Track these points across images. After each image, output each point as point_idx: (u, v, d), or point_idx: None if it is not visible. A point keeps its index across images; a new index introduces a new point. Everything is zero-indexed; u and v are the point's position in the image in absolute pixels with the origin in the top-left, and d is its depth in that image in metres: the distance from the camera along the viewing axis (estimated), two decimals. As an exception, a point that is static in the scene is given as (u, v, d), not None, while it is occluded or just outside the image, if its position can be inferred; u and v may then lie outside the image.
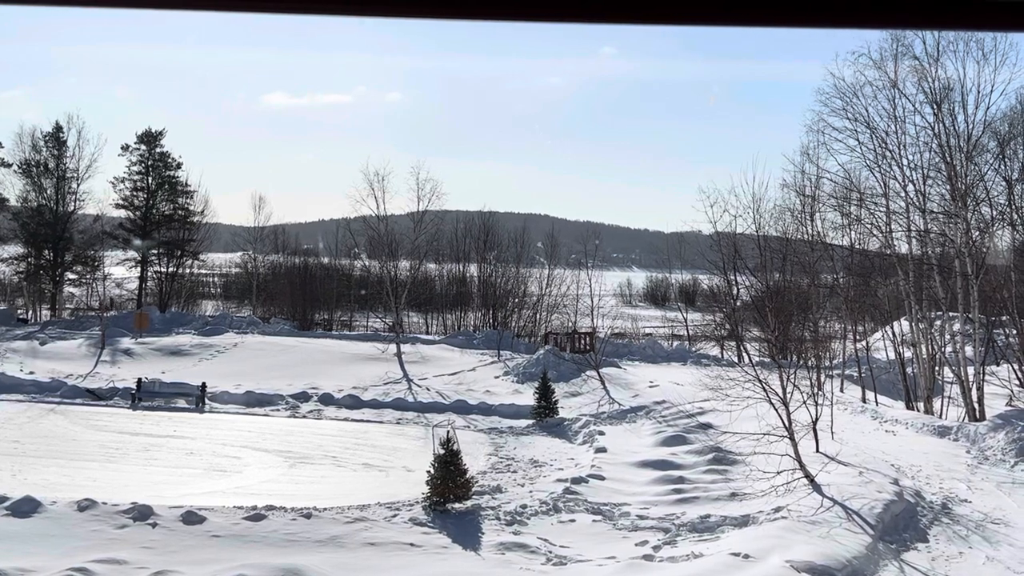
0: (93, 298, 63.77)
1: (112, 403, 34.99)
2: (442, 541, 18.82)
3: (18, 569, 16.04)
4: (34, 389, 36.04)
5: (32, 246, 61.55)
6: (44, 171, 61.94)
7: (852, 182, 41.13)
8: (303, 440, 29.49)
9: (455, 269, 71.27)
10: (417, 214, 51.92)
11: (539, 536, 19.29)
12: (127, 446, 27.80)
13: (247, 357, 43.55)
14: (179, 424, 31.61)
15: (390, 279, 51.26)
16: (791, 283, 49.23)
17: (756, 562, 16.63)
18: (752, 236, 52.20)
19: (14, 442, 27.50)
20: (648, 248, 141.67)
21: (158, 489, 21.91)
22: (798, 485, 21.50)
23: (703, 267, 61.39)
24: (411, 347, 47.23)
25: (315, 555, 17.37)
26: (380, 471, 25.61)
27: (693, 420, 31.07)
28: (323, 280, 69.73)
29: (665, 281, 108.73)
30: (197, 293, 73.61)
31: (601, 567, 17.40)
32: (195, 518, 18.73)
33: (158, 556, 16.98)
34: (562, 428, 31.86)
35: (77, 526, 18.22)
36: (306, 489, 22.85)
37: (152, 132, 64.52)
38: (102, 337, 45.39)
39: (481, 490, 22.27)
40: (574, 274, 58.03)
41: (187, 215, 65.63)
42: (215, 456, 26.94)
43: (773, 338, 30.24)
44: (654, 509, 21.42)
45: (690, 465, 25.61)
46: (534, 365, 40.85)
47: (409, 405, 35.78)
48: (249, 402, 35.49)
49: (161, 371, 39.70)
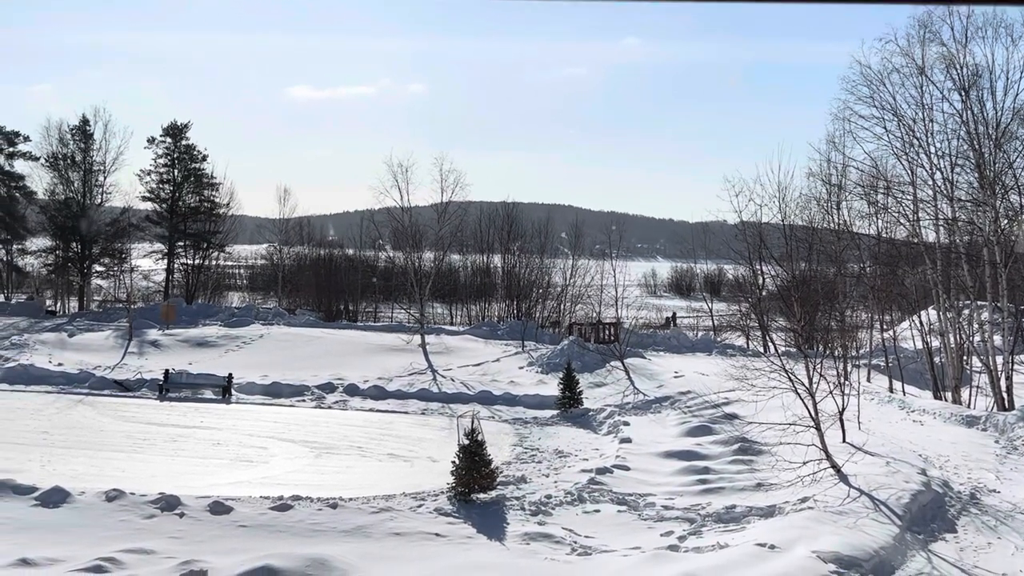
0: (120, 290, 64.26)
1: (140, 394, 35.28)
2: (467, 531, 18.84)
3: (47, 559, 16.19)
4: (63, 381, 36.39)
5: (60, 239, 62.07)
6: (71, 164, 62.45)
7: (879, 170, 40.77)
8: (329, 431, 29.63)
9: (479, 260, 71.29)
10: (441, 205, 51.96)
11: (564, 526, 19.28)
12: (155, 437, 28.02)
13: (273, 348, 43.78)
14: (206, 415, 31.83)
15: (414, 270, 51.34)
16: (817, 272, 48.89)
17: (782, 552, 16.54)
18: (778, 225, 51.87)
19: (43, 433, 27.78)
20: (673, 238, 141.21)
21: (185, 479, 22.08)
22: (824, 475, 21.37)
23: (728, 257, 61.08)
24: (435, 338, 47.32)
25: (341, 545, 17.44)
26: (405, 461, 25.68)
27: (718, 410, 30.94)
28: (347, 271, 69.93)
29: (690, 271, 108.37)
30: (223, 285, 74.10)
31: (626, 557, 17.36)
32: (222, 508, 18.85)
33: (185, 546, 17.09)
34: (587, 418, 31.82)
35: (105, 516, 18.37)
36: (332, 479, 22.95)
37: (178, 125, 64.91)
38: (129, 329, 45.75)
39: (506, 480, 22.28)
40: (598, 264, 57.88)
41: (213, 207, 66.01)
42: (241, 447, 27.11)
43: (799, 328, 30.04)
44: (679, 499, 21.35)
45: (715, 455, 25.50)
46: (558, 355, 40.80)
47: (434, 396, 35.85)
48: (275, 393, 35.68)
49: (188, 362, 39.98)
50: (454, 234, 58.43)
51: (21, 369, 37.20)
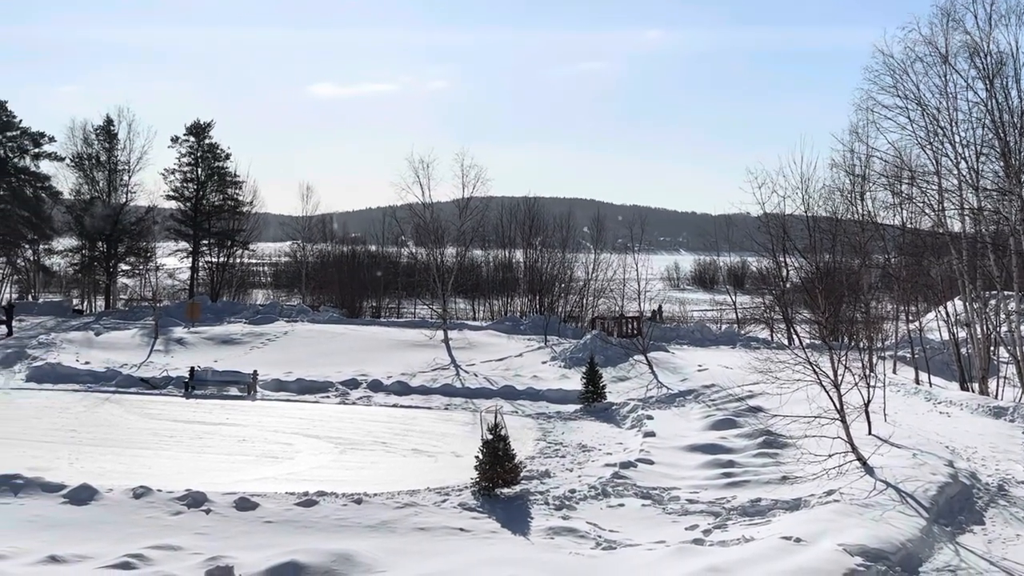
0: (146, 289, 64.76)
1: (166, 392, 35.55)
2: (491, 526, 18.87)
3: (76, 555, 16.36)
4: (90, 379, 36.72)
5: (86, 238, 62.58)
6: (96, 164, 62.94)
7: (903, 160, 40.44)
8: (353, 426, 29.75)
9: (501, 255, 71.35)
10: (462, 201, 52.00)
11: (588, 520, 19.27)
12: (181, 434, 28.22)
13: (297, 345, 43.99)
14: (231, 412, 32.03)
15: (436, 266, 51.43)
16: (841, 264, 48.59)
17: (808, 546, 16.46)
18: (801, 217, 51.57)
19: (71, 431, 28.05)
20: (695, 231, 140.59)
21: (211, 476, 22.23)
22: (850, 468, 21.25)
23: (752, 249, 60.80)
24: (458, 333, 47.40)
25: (366, 540, 17.52)
26: (429, 457, 25.75)
27: (743, 403, 30.83)
28: (370, 268, 70.12)
29: (713, 264, 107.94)
30: (247, 282, 74.48)
31: (651, 551, 17.33)
32: (248, 504, 18.98)
33: (212, 542, 17.22)
34: (610, 413, 31.79)
35: (133, 513, 18.54)
36: (356, 475, 23.05)
37: (201, 124, 65.24)
38: (155, 327, 46.07)
39: (529, 475, 22.30)
40: (620, 258, 57.74)
41: (236, 205, 66.34)
42: (267, 443, 27.26)
43: (823, 320, 29.85)
44: (704, 493, 21.30)
45: (740, 449, 25.42)
46: (581, 350, 40.77)
47: (457, 391, 35.92)
48: (300, 389, 35.85)
49: (213, 360, 40.23)
50: (476, 229, 58.48)
51: (49, 368, 37.56)
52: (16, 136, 63.19)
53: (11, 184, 63.18)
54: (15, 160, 63.35)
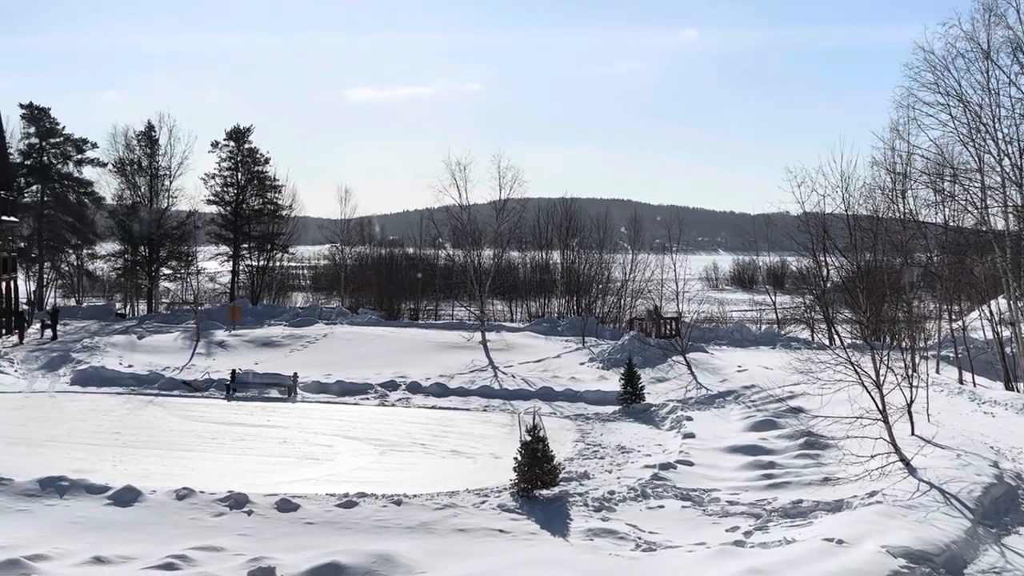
0: (188, 292, 65.49)
1: (208, 394, 35.90)
2: (531, 527, 18.86)
3: (120, 556, 16.57)
4: (133, 382, 37.18)
5: (128, 243, 63.41)
6: (138, 169, 63.77)
7: (945, 158, 39.89)
8: (392, 428, 29.88)
9: (538, 256, 71.36)
10: (499, 202, 52.06)
11: (628, 522, 19.21)
12: (222, 436, 28.49)
13: (336, 347, 44.24)
14: (272, 414, 32.29)
15: (474, 268, 51.53)
16: (883, 263, 48.03)
17: (850, 547, 16.30)
18: (841, 216, 51.05)
19: (115, 433, 28.41)
20: (734, 231, 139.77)
21: (253, 477, 22.41)
22: (893, 469, 21.01)
23: (791, 248, 60.33)
24: (496, 335, 47.43)
25: (406, 541, 17.58)
26: (468, 458, 25.80)
27: (783, 404, 30.58)
28: (408, 270, 70.43)
29: (752, 264, 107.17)
30: (287, 285, 75.13)
31: (691, 553, 17.25)
32: (289, 506, 19.12)
33: (254, 543, 17.37)
34: (649, 414, 31.68)
35: (176, 514, 18.75)
36: (396, 476, 23.14)
37: (240, 129, 65.88)
38: (197, 330, 46.56)
39: (568, 476, 22.27)
40: (658, 259, 57.53)
41: (276, 209, 66.92)
42: (307, 445, 27.45)
43: (865, 319, 29.54)
44: (744, 495, 21.15)
45: (781, 450, 25.23)
46: (619, 351, 40.66)
47: (495, 392, 35.96)
48: (339, 391, 36.07)
49: (254, 362, 40.56)
50: (513, 231, 58.53)
51: (93, 371, 38.07)
52: (59, 142, 64.29)
53: (55, 190, 64.28)
54: (59, 166, 64.46)
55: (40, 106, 63.42)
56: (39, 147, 63.56)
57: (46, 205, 63.99)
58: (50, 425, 29.46)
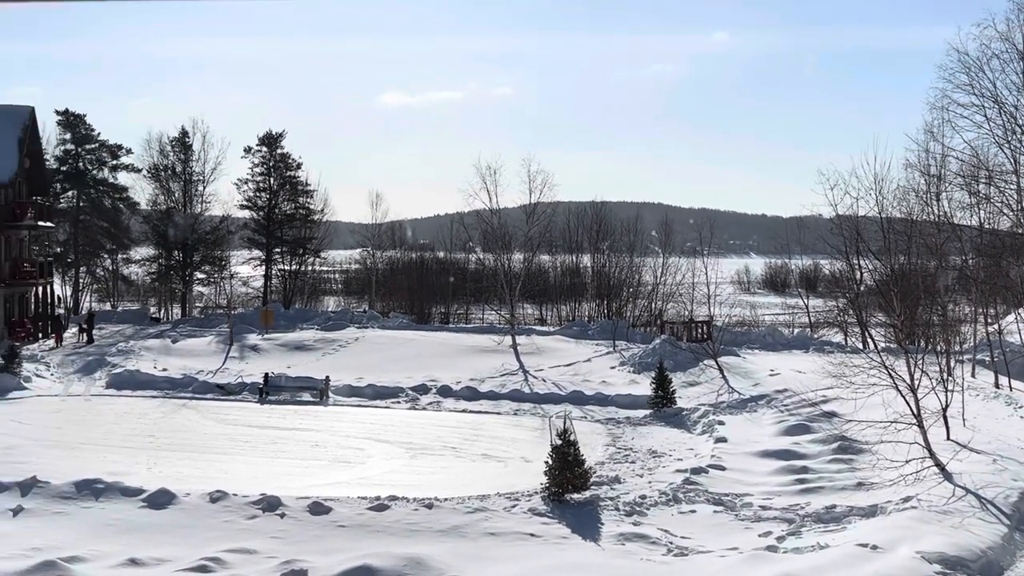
0: (221, 297, 65.99)
1: (241, 398, 36.17)
2: (562, 531, 18.85)
3: (155, 558, 16.74)
4: (167, 385, 37.54)
5: (163, 248, 64.02)
6: (172, 175, 64.36)
7: (979, 160, 39.42)
8: (423, 431, 29.96)
9: (568, 260, 71.24)
10: (529, 206, 52.12)
11: (659, 527, 19.15)
12: (255, 439, 28.70)
13: (368, 351, 44.41)
14: (304, 417, 32.47)
15: (504, 271, 51.57)
16: (917, 266, 47.53)
17: (885, 553, 16.16)
18: (875, 218, 50.54)
19: (149, 436, 28.69)
20: (766, 233, 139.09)
21: (285, 480, 22.56)
22: (928, 474, 20.80)
23: (824, 251, 59.76)
24: (526, 339, 47.42)
25: (437, 545, 17.62)
26: (499, 462, 25.82)
27: (816, 409, 30.32)
28: (439, 274, 70.58)
29: (784, 267, 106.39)
30: (319, 290, 75.43)
31: (723, 558, 17.17)
32: (321, 508, 19.23)
33: (287, 546, 17.49)
34: (680, 418, 31.54)
35: (209, 517, 18.91)
36: (427, 479, 23.21)
37: (273, 134, 66.28)
38: (230, 334, 46.92)
39: (599, 480, 22.23)
40: (689, 262, 57.31)
41: (308, 214, 67.23)
42: (339, 448, 27.59)
43: (899, 323, 29.27)
44: (777, 499, 21.03)
45: (814, 454, 25.04)
46: (650, 355, 40.51)
47: (526, 396, 35.95)
48: (371, 395, 36.20)
49: (286, 366, 40.79)
50: (543, 235, 58.47)
51: (128, 375, 38.47)
52: (95, 148, 65.04)
53: (90, 195, 65.05)
54: (94, 172, 65.22)
55: (75, 112, 64.23)
56: (75, 153, 64.34)
57: (82, 210, 64.75)
58: (86, 428, 29.82)
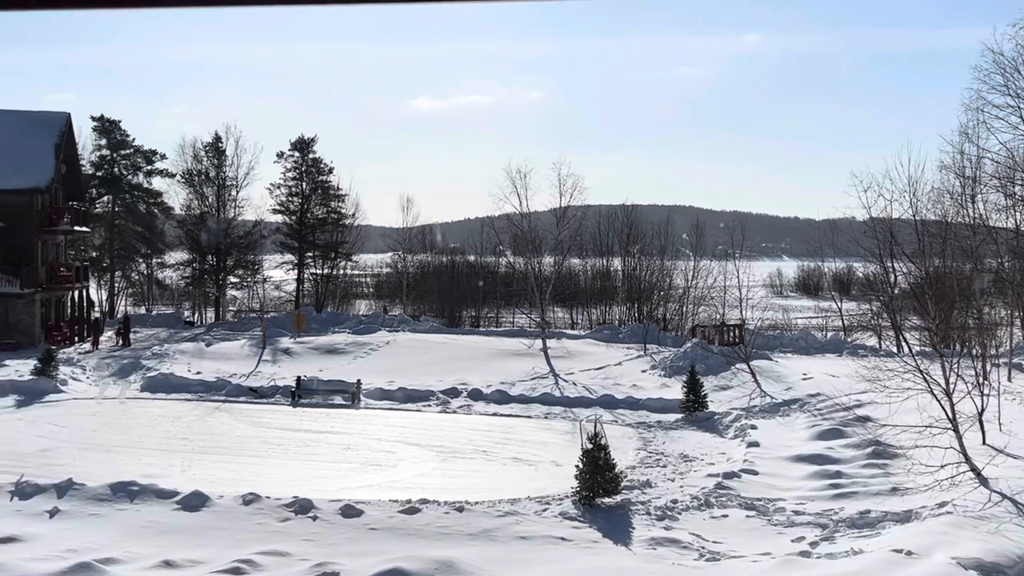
0: (254, 300, 66.45)
1: (273, 401, 36.38)
2: (593, 535, 18.82)
3: (189, 560, 16.89)
4: (201, 388, 37.84)
5: (197, 252, 64.61)
6: (205, 180, 64.94)
7: (1016, 161, 39.00)
8: (454, 435, 30.01)
9: (599, 263, 71.16)
10: (559, 210, 52.10)
11: (691, 531, 19.07)
12: (288, 442, 28.87)
13: (399, 354, 44.57)
14: (336, 420, 32.62)
15: (534, 275, 51.58)
16: (952, 269, 47.04)
17: (920, 559, 16.00)
18: (909, 221, 50.08)
19: (183, 439, 28.95)
20: (799, 236, 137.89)
21: (318, 483, 22.68)
22: (964, 479, 20.57)
23: (858, 254, 59.25)
24: (557, 342, 47.40)
25: (468, 548, 17.65)
26: (529, 465, 25.81)
27: (850, 413, 30.07)
28: (469, 278, 70.73)
29: (817, 270, 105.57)
30: (351, 293, 75.81)
31: (756, 563, 17.07)
32: (353, 511, 19.32)
33: (319, 548, 17.59)
34: (712, 422, 31.39)
35: (243, 519, 19.05)
36: (458, 483, 23.24)
37: (305, 139, 66.71)
38: (263, 338, 47.23)
39: (630, 484, 22.16)
40: (721, 265, 57.02)
41: (340, 218, 67.62)
42: (371, 451, 27.71)
43: (934, 326, 28.96)
44: (810, 504, 20.88)
45: (848, 459, 24.84)
46: (681, 358, 40.35)
47: (556, 400, 35.92)
48: (402, 398, 36.31)
49: (319, 369, 41.00)
50: (573, 238, 58.48)
51: (162, 378, 38.82)
52: (130, 154, 65.79)
53: (125, 200, 65.80)
54: (129, 177, 65.96)
55: (111, 118, 64.95)
56: (110, 159, 65.09)
57: (117, 215, 65.53)
58: (121, 431, 30.14)
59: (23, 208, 48.28)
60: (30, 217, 48.68)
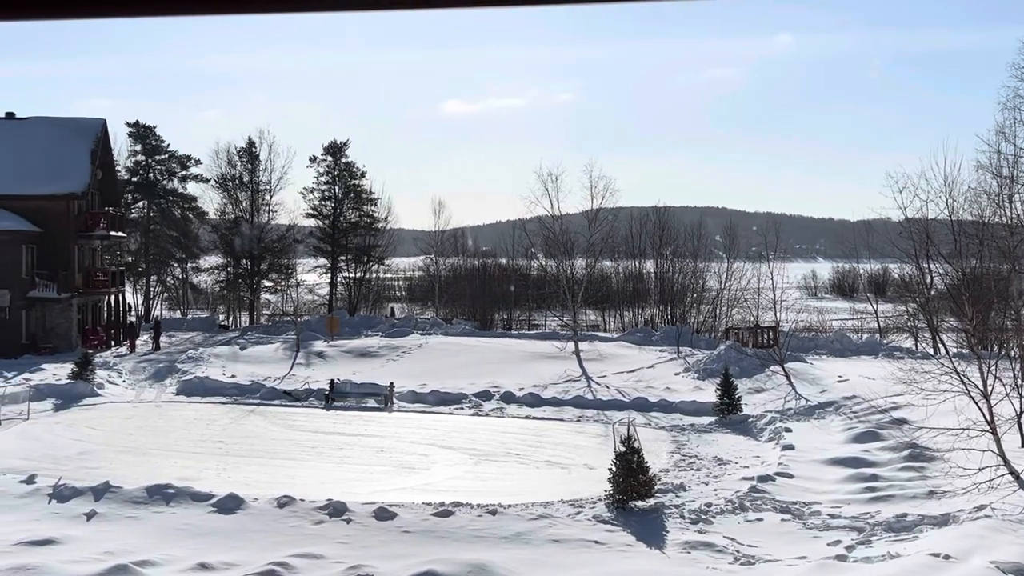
0: (288, 304, 66.86)
1: (307, 404, 36.57)
2: (626, 539, 18.75)
3: (224, 563, 17.01)
4: (235, 391, 38.13)
5: (231, 256, 65.13)
6: (239, 185, 65.45)
7: (1054, 160, 38.44)
8: (486, 438, 30.01)
9: (631, 266, 71.00)
10: (591, 212, 52.02)
11: (725, 535, 18.96)
12: (321, 445, 29.00)
13: (431, 357, 44.65)
14: (369, 423, 32.73)
15: (566, 278, 51.51)
16: (989, 269, 46.45)
17: (957, 563, 15.80)
18: (945, 221, 49.52)
19: (218, 442, 29.16)
20: (833, 238, 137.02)
21: (351, 486, 22.77)
22: (1002, 482, 20.28)
23: (893, 255, 58.69)
24: (589, 345, 47.31)
25: (501, 551, 17.65)
26: (562, 468, 25.76)
27: (886, 415, 29.77)
28: (501, 281, 70.80)
29: (852, 271, 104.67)
30: (383, 296, 76.10)
31: (791, 567, 16.93)
32: (386, 514, 19.38)
33: (353, 551, 17.65)
34: (746, 425, 31.19)
35: (277, 522, 19.17)
36: (491, 486, 23.24)
37: (337, 143, 67.07)
38: (297, 341, 47.51)
39: (664, 488, 22.07)
40: (755, 267, 56.67)
41: (372, 222, 67.92)
42: (404, 454, 27.77)
43: (971, 328, 28.60)
44: (846, 508, 20.69)
45: (884, 462, 24.59)
46: (715, 361, 40.12)
47: (588, 403, 35.84)
48: (434, 401, 36.38)
49: (352, 372, 41.18)
50: (605, 240, 58.37)
51: (197, 381, 39.16)
52: (165, 160, 66.54)
53: (160, 205, 66.56)
54: (164, 182, 66.73)
55: (146, 124, 65.75)
56: (145, 164, 65.85)
57: (152, 220, 66.27)
58: (157, 434, 30.41)
59: (60, 213, 48.91)
60: (67, 222, 49.29)
